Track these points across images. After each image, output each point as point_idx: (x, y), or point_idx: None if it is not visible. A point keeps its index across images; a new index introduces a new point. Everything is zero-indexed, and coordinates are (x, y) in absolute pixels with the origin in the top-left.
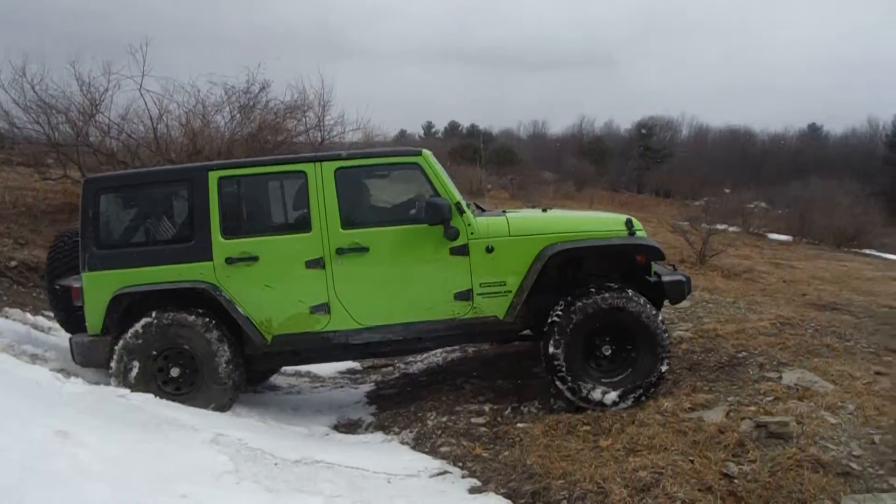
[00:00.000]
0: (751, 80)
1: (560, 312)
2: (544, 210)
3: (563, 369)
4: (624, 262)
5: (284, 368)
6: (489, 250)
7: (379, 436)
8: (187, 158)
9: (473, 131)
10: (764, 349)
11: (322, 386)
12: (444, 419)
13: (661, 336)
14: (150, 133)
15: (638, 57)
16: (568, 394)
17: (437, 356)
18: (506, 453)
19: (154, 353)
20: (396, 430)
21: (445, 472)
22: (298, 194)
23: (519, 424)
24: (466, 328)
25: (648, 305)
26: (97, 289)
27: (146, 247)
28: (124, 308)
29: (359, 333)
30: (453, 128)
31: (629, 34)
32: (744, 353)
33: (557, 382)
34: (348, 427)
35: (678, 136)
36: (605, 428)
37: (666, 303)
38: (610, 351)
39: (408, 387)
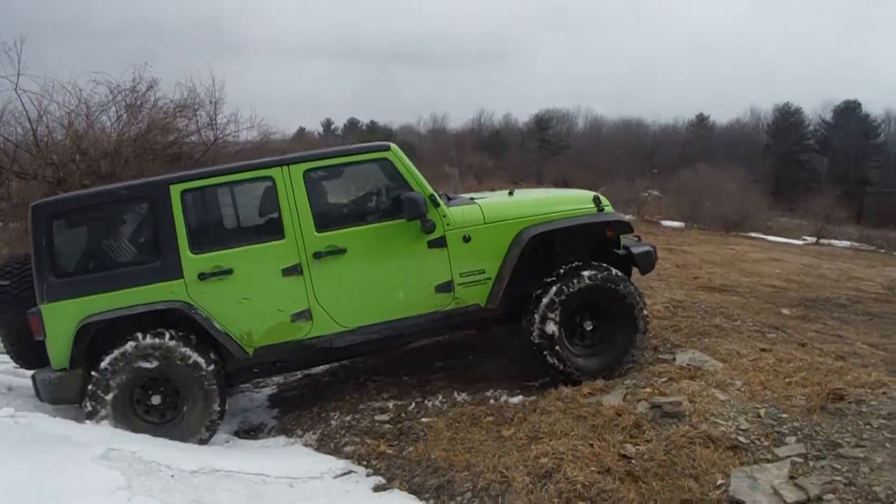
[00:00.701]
0: (642, 72)
1: (551, 292)
2: (510, 193)
3: (556, 345)
4: (593, 238)
5: None
6: (466, 239)
7: (281, 439)
8: (71, 161)
9: (373, 127)
10: (658, 332)
11: None
12: (348, 418)
13: (641, 311)
14: (28, 136)
15: (534, 51)
16: (560, 366)
17: None
18: (410, 449)
19: (131, 383)
20: (299, 432)
21: (350, 472)
22: (268, 200)
23: (423, 419)
24: (449, 319)
25: (631, 283)
26: (60, 320)
27: (109, 270)
28: (90, 338)
29: (342, 337)
30: (353, 124)
31: (525, 29)
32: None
33: (549, 358)
34: (250, 432)
35: (574, 128)
36: (508, 418)
37: None
38: (591, 326)
39: (311, 388)
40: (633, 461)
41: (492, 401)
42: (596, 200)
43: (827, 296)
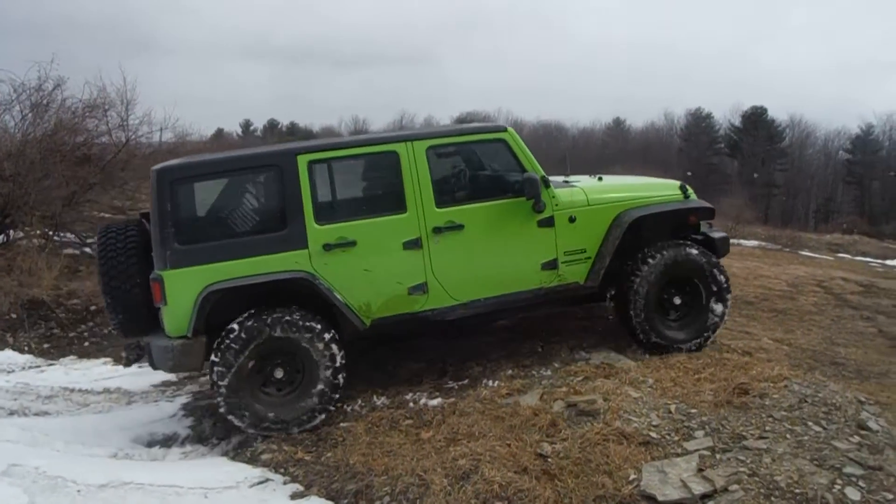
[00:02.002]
0: (561, 77)
1: (643, 267)
2: (599, 178)
3: (645, 317)
4: (677, 222)
5: (92, 386)
6: (571, 220)
7: (196, 449)
8: None
9: (294, 129)
10: (575, 332)
11: (133, 402)
12: None
13: (725, 285)
14: None
15: (455, 53)
16: (655, 339)
17: None
18: (329, 454)
19: (256, 353)
20: (215, 441)
21: (267, 480)
22: (392, 175)
23: (342, 424)
24: (551, 295)
25: (715, 259)
26: (182, 287)
27: (233, 238)
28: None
29: (454, 310)
30: (273, 126)
31: (446, 31)
32: (556, 338)
33: (643, 329)
34: (163, 443)
35: None
36: (427, 420)
37: None
38: (680, 300)
39: None
40: (549, 460)
41: (411, 404)
42: (682, 188)
43: (737, 294)
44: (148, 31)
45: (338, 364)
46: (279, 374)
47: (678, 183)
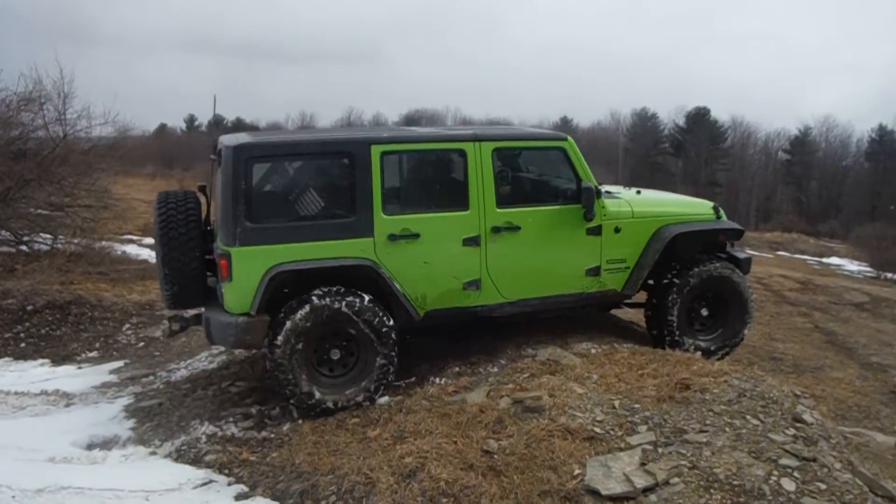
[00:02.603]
0: (509, 75)
1: (678, 280)
2: (638, 192)
3: (675, 326)
4: (708, 240)
5: (29, 388)
6: (616, 230)
7: (138, 451)
8: None
9: (239, 125)
10: (522, 329)
11: (72, 404)
12: (210, 426)
13: (750, 303)
14: None
15: (403, 51)
16: (684, 348)
17: (202, 361)
18: (274, 455)
19: (317, 335)
20: (157, 443)
21: (210, 482)
22: (458, 172)
23: (287, 424)
24: (590, 300)
25: (744, 277)
26: (250, 265)
27: (302, 221)
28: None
29: (501, 307)
30: (218, 122)
31: (394, 28)
32: (503, 335)
33: (668, 338)
34: (103, 445)
35: None
36: (374, 419)
37: None
38: (707, 313)
39: (170, 396)
40: (495, 456)
41: (357, 402)
42: (715, 209)
43: None
44: (87, 22)
45: (394, 351)
46: (335, 356)
47: (711, 203)
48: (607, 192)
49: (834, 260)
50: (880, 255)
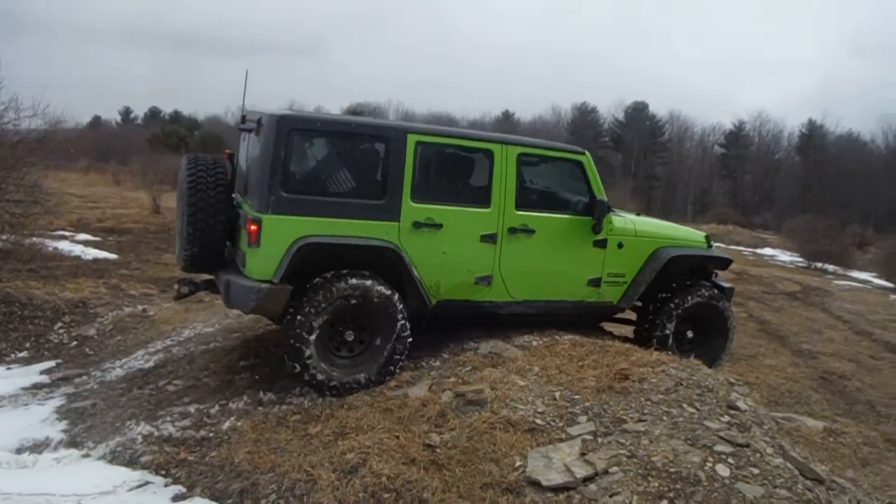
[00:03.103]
0: (452, 70)
1: (673, 301)
2: (638, 214)
3: (671, 343)
4: (697, 266)
5: None
6: (620, 246)
7: (71, 454)
8: None
9: (177, 117)
10: (464, 324)
11: (1, 406)
12: (146, 427)
13: (732, 332)
14: None
15: (345, 44)
16: None
17: (138, 360)
18: (213, 454)
19: (337, 315)
20: (91, 444)
21: (147, 484)
22: (484, 171)
23: (227, 422)
24: (588, 309)
25: (727, 303)
26: (279, 233)
27: (334, 197)
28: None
29: (508, 305)
30: (154, 114)
31: (337, 21)
32: (445, 329)
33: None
34: (33, 448)
35: None
36: (315, 415)
37: None
38: (692, 335)
39: (104, 397)
40: (437, 450)
41: (298, 399)
42: (707, 239)
43: None
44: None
45: (407, 333)
46: (349, 336)
47: (705, 234)
48: (612, 211)
49: (767, 251)
50: (811, 246)
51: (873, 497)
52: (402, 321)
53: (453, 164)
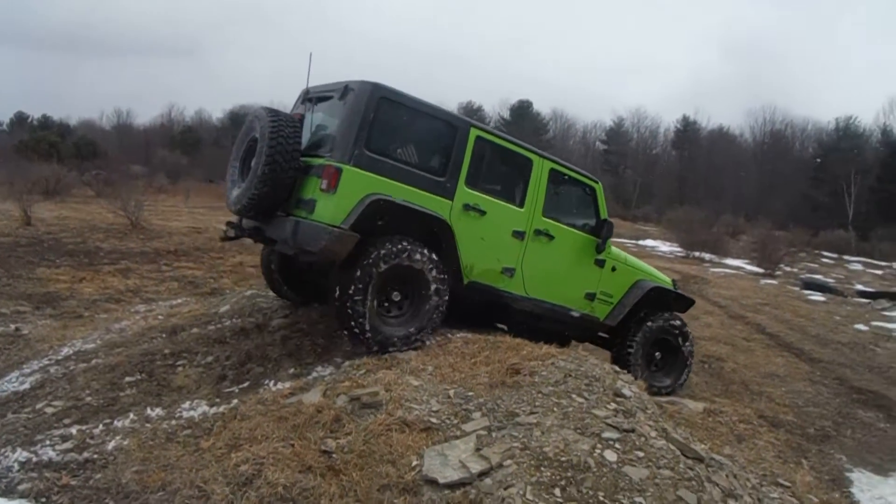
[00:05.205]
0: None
1: (644, 326)
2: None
3: (639, 364)
4: (663, 301)
5: None
6: (613, 269)
7: None
8: None
9: (47, 123)
10: None
11: None
12: (23, 453)
13: (691, 348)
14: None
15: (224, 45)
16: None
17: (12, 382)
18: (98, 476)
19: (390, 275)
20: None
21: None
22: (523, 175)
23: (112, 442)
24: (580, 321)
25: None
26: (355, 185)
27: (405, 166)
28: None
29: (522, 300)
30: (21, 119)
31: (213, 22)
32: (337, 333)
33: (635, 372)
34: None
35: None
36: (207, 429)
37: None
38: (660, 356)
39: None
40: (333, 455)
41: (189, 413)
42: (674, 282)
43: None
44: None
45: (446, 298)
46: (395, 297)
47: (671, 279)
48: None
49: (649, 242)
50: (689, 237)
51: (748, 470)
52: (445, 287)
53: (501, 163)
